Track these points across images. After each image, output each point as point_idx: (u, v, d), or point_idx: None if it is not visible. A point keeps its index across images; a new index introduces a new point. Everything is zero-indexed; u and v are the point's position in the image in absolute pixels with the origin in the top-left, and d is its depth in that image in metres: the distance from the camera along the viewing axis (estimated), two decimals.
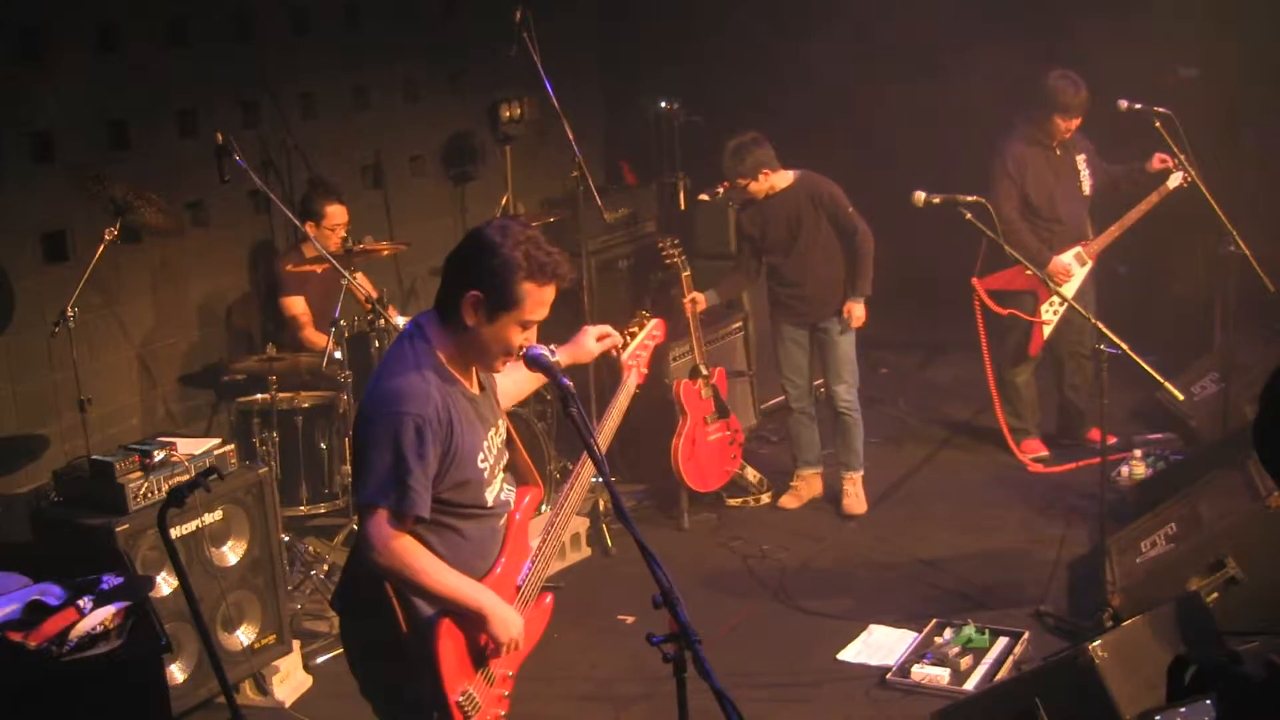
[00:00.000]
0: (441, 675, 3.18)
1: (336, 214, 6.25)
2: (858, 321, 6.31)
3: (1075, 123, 6.58)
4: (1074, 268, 6.65)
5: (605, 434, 3.65)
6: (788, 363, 6.56)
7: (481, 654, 3.29)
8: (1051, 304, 6.67)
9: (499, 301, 3.13)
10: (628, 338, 3.82)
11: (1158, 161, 6.52)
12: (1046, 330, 6.75)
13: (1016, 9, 7.99)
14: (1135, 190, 6.66)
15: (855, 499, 6.51)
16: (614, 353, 3.79)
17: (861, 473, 6.56)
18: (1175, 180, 6.47)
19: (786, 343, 6.54)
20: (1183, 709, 3.51)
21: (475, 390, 3.30)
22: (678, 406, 6.35)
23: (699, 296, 6.36)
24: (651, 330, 3.89)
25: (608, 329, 3.77)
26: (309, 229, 6.09)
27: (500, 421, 3.41)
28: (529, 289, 3.13)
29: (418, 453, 3.08)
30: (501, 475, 3.41)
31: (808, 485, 6.70)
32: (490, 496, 3.32)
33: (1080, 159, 6.72)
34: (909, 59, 8.35)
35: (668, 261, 6.29)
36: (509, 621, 3.26)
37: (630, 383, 3.77)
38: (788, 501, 6.65)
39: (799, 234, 6.30)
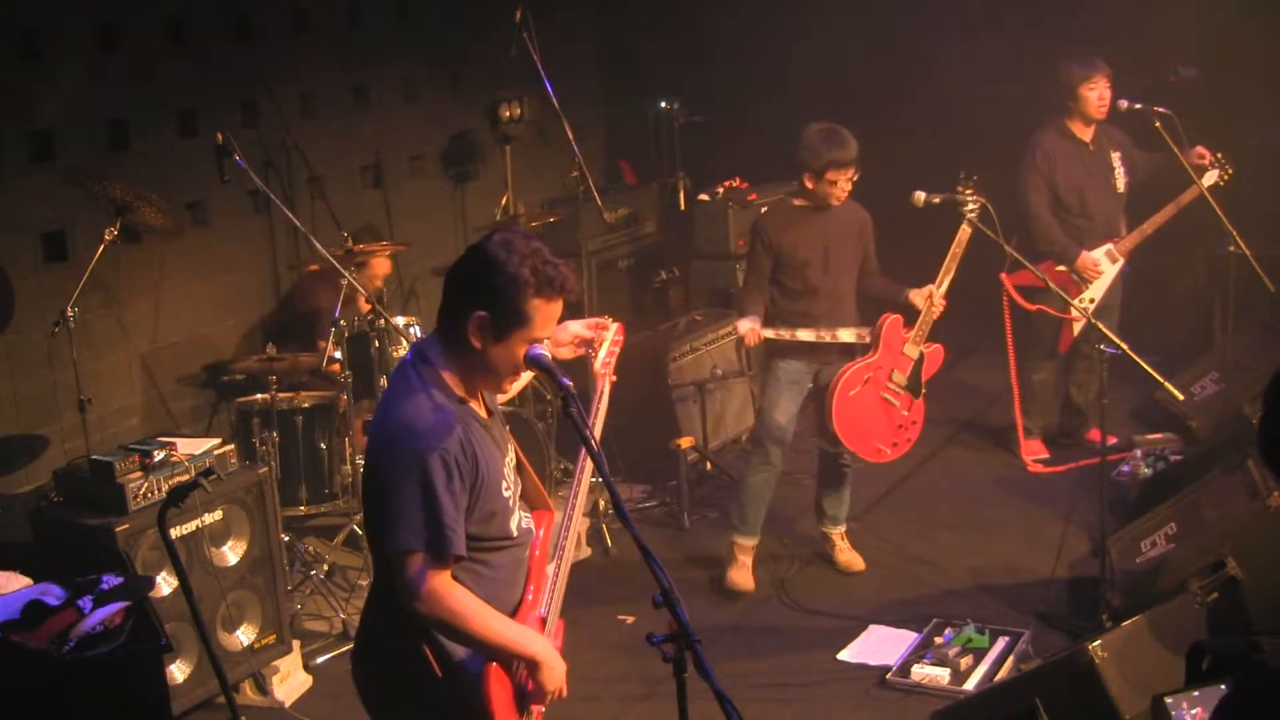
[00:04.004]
0: None
1: (380, 266, 6.36)
2: (941, 305, 5.45)
3: (1105, 91, 6.39)
4: (1104, 264, 6.55)
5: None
6: (785, 411, 5.57)
7: (525, 697, 3.15)
8: (1081, 300, 6.47)
9: (508, 321, 2.96)
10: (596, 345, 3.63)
11: (1196, 156, 6.37)
12: (1076, 328, 6.61)
13: (1018, 9, 7.99)
14: (1176, 180, 6.46)
15: (853, 553, 5.91)
16: (588, 354, 3.57)
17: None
18: (1211, 178, 6.34)
19: (788, 385, 5.56)
20: (1195, 693, 3.50)
21: (486, 415, 3.13)
22: (874, 336, 5.48)
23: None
24: (614, 335, 3.71)
25: (583, 330, 3.54)
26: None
27: (510, 446, 3.25)
28: (538, 305, 2.96)
29: (448, 488, 2.91)
30: (519, 502, 3.27)
31: (753, 557, 5.78)
32: (514, 526, 3.17)
33: (1115, 156, 6.59)
34: (910, 59, 8.34)
35: (968, 208, 5.32)
36: (558, 670, 3.12)
37: (606, 389, 3.57)
38: (742, 580, 5.70)
39: (830, 259, 5.49)
